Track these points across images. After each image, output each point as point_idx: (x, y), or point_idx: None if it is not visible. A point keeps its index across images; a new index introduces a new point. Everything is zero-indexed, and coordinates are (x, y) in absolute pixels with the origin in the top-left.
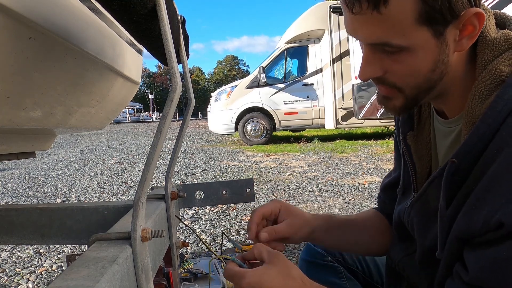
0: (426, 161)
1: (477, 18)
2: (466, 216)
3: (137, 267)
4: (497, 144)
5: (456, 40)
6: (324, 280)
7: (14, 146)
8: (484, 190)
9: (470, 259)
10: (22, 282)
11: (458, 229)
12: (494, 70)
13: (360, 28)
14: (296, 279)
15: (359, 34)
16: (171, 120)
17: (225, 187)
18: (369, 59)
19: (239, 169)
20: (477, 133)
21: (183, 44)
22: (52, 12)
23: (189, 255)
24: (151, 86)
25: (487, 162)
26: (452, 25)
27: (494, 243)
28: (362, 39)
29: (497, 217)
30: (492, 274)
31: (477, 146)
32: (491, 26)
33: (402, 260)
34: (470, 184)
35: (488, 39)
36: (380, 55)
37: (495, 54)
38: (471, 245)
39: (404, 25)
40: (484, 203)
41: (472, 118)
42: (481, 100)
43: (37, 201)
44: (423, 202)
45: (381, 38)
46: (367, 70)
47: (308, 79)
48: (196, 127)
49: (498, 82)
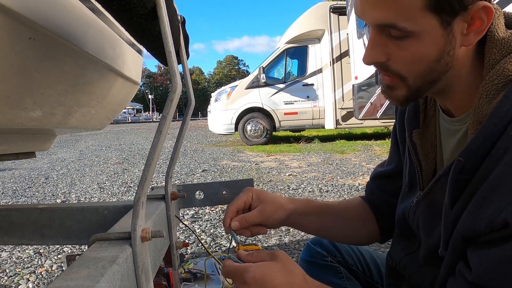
0: (432, 159)
1: (485, 12)
2: (471, 215)
3: (137, 267)
4: (503, 144)
5: (463, 33)
6: (324, 280)
7: (14, 146)
8: (489, 189)
9: (474, 259)
10: (22, 282)
11: (462, 228)
12: (502, 70)
13: (369, 9)
14: (299, 275)
15: (368, 14)
16: (171, 120)
17: (225, 187)
18: (375, 42)
19: (239, 169)
20: (484, 132)
21: (183, 44)
22: (52, 12)
23: (189, 255)
24: (151, 86)
25: (494, 162)
26: (460, 17)
27: (499, 243)
28: (370, 20)
29: (502, 216)
30: (496, 273)
31: (484, 145)
32: (500, 25)
33: (403, 259)
34: (476, 183)
35: (496, 38)
36: (386, 40)
37: (503, 54)
38: (475, 244)
39: (412, 9)
40: (489, 202)
41: (479, 117)
42: (488, 99)
43: (37, 201)
44: (429, 200)
45: (389, 19)
46: (371, 53)
47: (308, 79)
48: (196, 127)
49: (506, 82)
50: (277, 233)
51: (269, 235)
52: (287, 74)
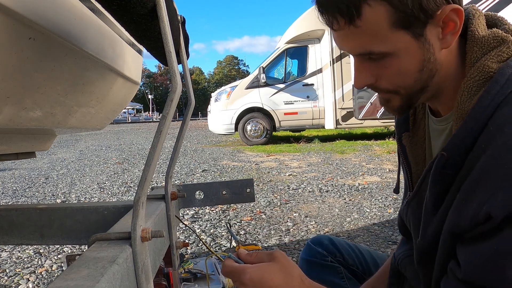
0: (422, 160)
1: (455, 14)
2: (456, 210)
3: (137, 267)
4: (485, 138)
5: (439, 38)
6: (324, 280)
7: (14, 146)
8: (472, 184)
9: (462, 255)
10: (22, 282)
11: (450, 224)
12: (483, 66)
13: (343, 43)
14: (296, 277)
15: (344, 47)
16: (171, 120)
17: (225, 187)
18: (360, 68)
19: (239, 169)
20: (466, 127)
21: (183, 44)
22: (52, 12)
23: (189, 255)
24: (151, 86)
25: (476, 157)
26: (431, 24)
27: (484, 237)
28: (348, 51)
29: (485, 209)
30: (484, 269)
31: (466, 140)
32: (480, 25)
33: (404, 260)
34: (461, 179)
35: (477, 36)
36: (368, 63)
37: (484, 52)
38: (462, 241)
39: (381, 33)
40: (473, 197)
41: (461, 113)
42: (469, 96)
43: (37, 201)
44: (418, 200)
45: (364, 48)
46: (360, 77)
47: (308, 79)
48: (196, 127)
49: (487, 78)
50: (277, 233)
51: (269, 235)
52: (287, 74)
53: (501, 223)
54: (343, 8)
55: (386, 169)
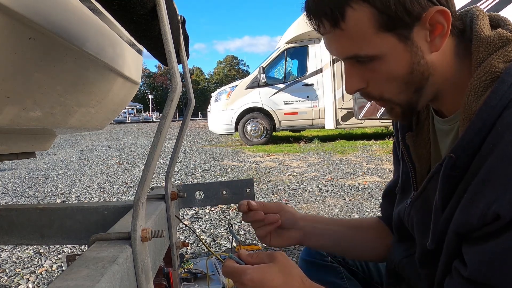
0: (425, 160)
1: (442, 16)
2: (463, 210)
3: (137, 267)
4: (493, 139)
5: (428, 41)
6: (324, 280)
7: (14, 146)
8: (480, 184)
9: (469, 254)
10: (22, 282)
11: (456, 224)
12: (489, 66)
13: (332, 46)
14: (296, 278)
15: (333, 52)
16: (171, 120)
17: (225, 187)
18: (350, 72)
19: (239, 169)
20: (473, 128)
21: (183, 44)
22: (52, 12)
23: (189, 255)
24: (151, 86)
25: (484, 157)
26: (417, 27)
27: (492, 236)
28: (336, 55)
29: (493, 209)
30: (490, 268)
31: (474, 141)
32: (485, 25)
33: (402, 261)
34: (468, 179)
35: (482, 37)
36: (358, 67)
37: (490, 52)
38: (469, 240)
39: (366, 36)
40: (481, 197)
41: (468, 114)
42: (476, 96)
43: (37, 201)
44: (423, 200)
45: (350, 51)
46: (350, 82)
47: (308, 79)
48: (196, 127)
49: (493, 78)
50: None
51: None
52: (287, 74)
53: (510, 222)
54: (327, 12)
55: (386, 169)
